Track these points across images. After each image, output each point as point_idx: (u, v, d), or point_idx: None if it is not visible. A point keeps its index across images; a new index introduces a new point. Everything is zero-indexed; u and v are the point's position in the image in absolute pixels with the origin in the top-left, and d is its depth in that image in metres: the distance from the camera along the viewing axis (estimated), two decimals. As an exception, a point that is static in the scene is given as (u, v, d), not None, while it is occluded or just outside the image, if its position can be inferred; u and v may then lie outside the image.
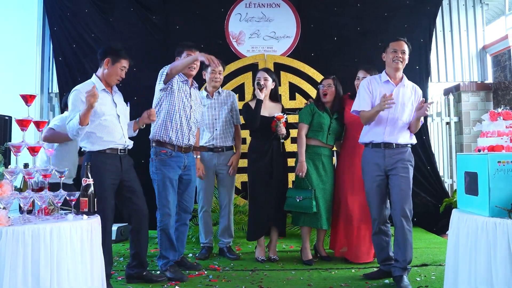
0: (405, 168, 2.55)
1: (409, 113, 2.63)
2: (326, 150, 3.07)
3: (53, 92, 4.72)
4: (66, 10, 4.48)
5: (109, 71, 2.45)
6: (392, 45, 2.65)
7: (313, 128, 3.03)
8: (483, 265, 1.78)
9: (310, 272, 2.83)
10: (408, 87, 2.68)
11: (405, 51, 2.64)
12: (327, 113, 3.06)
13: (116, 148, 2.45)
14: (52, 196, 1.98)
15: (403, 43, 2.65)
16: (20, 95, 2.03)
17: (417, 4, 4.58)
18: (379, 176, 2.58)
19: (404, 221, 2.51)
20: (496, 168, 1.87)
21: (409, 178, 2.57)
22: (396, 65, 2.61)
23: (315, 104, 3.09)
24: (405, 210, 2.51)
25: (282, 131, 2.99)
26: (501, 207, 1.83)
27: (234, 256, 3.22)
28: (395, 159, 2.56)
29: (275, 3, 4.61)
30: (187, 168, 2.81)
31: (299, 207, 2.94)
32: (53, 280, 1.72)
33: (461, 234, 1.95)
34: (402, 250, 2.50)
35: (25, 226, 1.72)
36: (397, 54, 2.61)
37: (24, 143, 1.96)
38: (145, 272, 2.59)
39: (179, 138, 2.73)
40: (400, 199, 2.51)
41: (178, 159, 2.74)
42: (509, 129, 1.97)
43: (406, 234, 2.51)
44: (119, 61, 2.45)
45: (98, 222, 2.03)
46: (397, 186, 2.53)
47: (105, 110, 2.43)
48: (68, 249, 1.79)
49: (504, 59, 4.65)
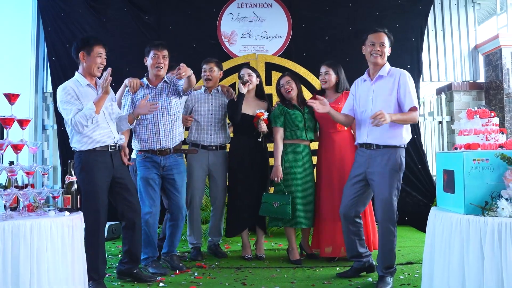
0: (385, 172, 2.37)
1: (391, 106, 2.39)
2: (306, 147, 3.06)
3: (48, 91, 4.77)
4: (60, 10, 4.52)
5: (88, 63, 2.44)
6: (370, 37, 2.44)
7: (289, 128, 3.01)
8: (456, 261, 1.80)
9: (295, 270, 2.86)
10: (390, 78, 2.42)
11: (384, 43, 2.41)
12: (297, 109, 3.05)
13: (106, 145, 2.46)
14: (35, 193, 2.01)
15: (382, 35, 2.43)
16: (4, 94, 2.06)
17: (408, 3, 4.58)
18: (357, 176, 2.50)
19: (382, 228, 2.43)
20: (471, 166, 1.89)
21: (390, 183, 2.38)
22: (375, 59, 2.42)
23: (283, 104, 3.07)
24: (384, 218, 2.41)
25: (262, 128, 2.99)
26: (475, 204, 1.85)
27: (221, 254, 3.24)
28: (377, 161, 2.40)
29: (267, 3, 4.63)
30: (166, 168, 2.84)
31: (275, 213, 2.93)
32: (33, 275, 1.76)
33: (437, 232, 1.97)
34: (380, 256, 2.47)
35: (5, 222, 1.76)
36: (375, 47, 2.41)
37: (7, 141, 2.00)
38: (136, 270, 2.60)
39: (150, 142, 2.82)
40: (382, 206, 2.40)
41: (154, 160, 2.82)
42: (485, 127, 1.99)
43: (384, 241, 2.44)
44: (92, 49, 2.42)
45: (80, 219, 2.07)
46: (378, 193, 2.40)
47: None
48: (48, 245, 1.82)
49: (495, 58, 4.66)
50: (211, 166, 3.19)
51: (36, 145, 2.12)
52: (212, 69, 3.24)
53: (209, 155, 3.18)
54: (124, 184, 2.53)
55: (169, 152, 2.84)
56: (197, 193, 3.18)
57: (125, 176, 2.57)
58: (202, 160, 3.16)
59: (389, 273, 2.46)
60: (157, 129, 2.82)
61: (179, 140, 2.96)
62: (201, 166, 3.16)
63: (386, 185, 2.38)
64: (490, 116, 2.01)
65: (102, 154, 2.43)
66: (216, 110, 3.20)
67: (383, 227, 2.43)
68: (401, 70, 2.46)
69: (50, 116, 4.81)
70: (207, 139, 3.17)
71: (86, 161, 2.38)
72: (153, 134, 2.82)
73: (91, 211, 2.33)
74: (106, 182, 2.44)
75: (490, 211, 1.79)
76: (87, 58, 2.43)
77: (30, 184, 2.05)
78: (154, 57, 2.85)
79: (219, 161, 3.20)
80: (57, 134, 4.53)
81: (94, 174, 2.38)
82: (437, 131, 4.95)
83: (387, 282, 2.42)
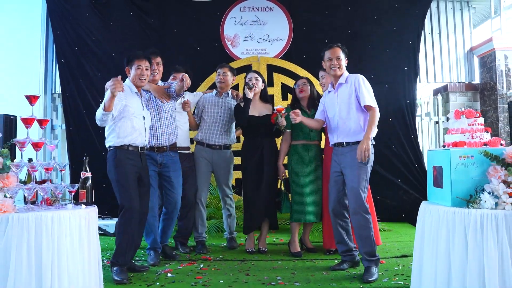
0: (354, 165, 2.59)
1: (352, 107, 2.65)
2: (313, 146, 3.22)
3: (56, 92, 4.94)
4: (68, 14, 4.69)
5: (132, 76, 2.72)
6: (327, 54, 2.75)
7: (295, 130, 3.20)
8: (443, 250, 1.95)
9: (295, 262, 3.01)
10: (347, 84, 2.70)
11: (340, 57, 2.71)
12: (304, 112, 3.21)
13: (137, 146, 2.67)
14: (53, 188, 2.17)
15: (337, 49, 2.72)
16: (25, 95, 2.23)
17: (406, 7, 4.74)
18: (336, 173, 2.73)
19: (355, 217, 2.59)
20: (458, 162, 2.03)
21: (358, 175, 2.57)
22: (334, 72, 2.72)
23: (291, 107, 3.22)
24: (355, 207, 2.59)
25: (283, 123, 3.12)
26: (461, 197, 2.00)
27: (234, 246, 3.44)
28: (347, 156, 2.64)
29: (268, 7, 4.79)
30: (163, 165, 3.01)
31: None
32: (54, 262, 1.91)
33: (426, 224, 2.12)
34: (359, 245, 2.63)
35: (29, 213, 1.91)
36: (333, 62, 2.71)
37: (28, 139, 2.16)
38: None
39: None
40: (352, 196, 2.59)
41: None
42: (471, 127, 2.14)
43: (359, 229, 2.59)
44: (133, 63, 2.69)
45: (95, 212, 2.23)
46: (348, 184, 2.63)
47: (134, 110, 2.67)
48: (67, 234, 1.98)
49: (489, 60, 4.80)
50: (214, 164, 3.38)
51: (53, 143, 2.28)
52: (225, 73, 3.42)
53: (213, 153, 3.36)
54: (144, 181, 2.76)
55: (166, 149, 3.02)
56: (203, 188, 3.36)
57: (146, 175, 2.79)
58: (206, 158, 3.36)
59: (373, 262, 2.60)
60: (154, 127, 2.96)
61: (175, 139, 3.12)
62: (205, 163, 3.36)
63: (355, 177, 2.59)
64: (475, 117, 2.16)
65: (133, 153, 2.67)
66: (224, 112, 3.39)
67: (356, 215, 2.60)
68: (356, 75, 2.72)
69: (58, 116, 4.98)
70: (212, 138, 3.36)
71: (119, 156, 2.62)
72: (150, 132, 2.96)
73: (127, 201, 2.59)
74: (135, 176, 2.66)
75: (474, 203, 1.93)
76: (131, 72, 2.73)
77: (48, 179, 2.21)
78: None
79: (222, 160, 3.38)
80: (65, 134, 4.70)
81: (125, 168, 2.62)
82: (433, 131, 5.10)
83: (372, 273, 2.55)
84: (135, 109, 2.69)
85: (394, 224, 4.37)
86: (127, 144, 2.63)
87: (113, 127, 2.64)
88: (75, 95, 4.62)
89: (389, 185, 4.57)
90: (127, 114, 2.64)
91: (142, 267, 2.81)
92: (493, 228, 1.83)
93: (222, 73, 3.42)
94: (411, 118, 4.65)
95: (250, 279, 2.59)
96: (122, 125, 2.63)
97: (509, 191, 1.87)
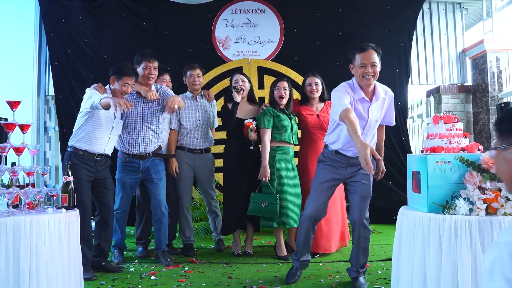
0: (365, 175, 2.47)
1: (378, 122, 2.49)
2: (291, 149, 3.24)
3: (50, 95, 4.97)
4: (61, 17, 4.71)
5: (115, 88, 2.78)
6: (358, 58, 2.27)
7: (277, 130, 3.16)
8: (419, 255, 1.96)
9: (280, 265, 3.02)
10: (381, 97, 2.40)
11: (375, 63, 2.26)
12: (285, 114, 3.22)
13: (93, 153, 2.76)
14: (35, 192, 2.20)
15: (372, 53, 2.26)
16: (6, 101, 2.25)
17: (397, 9, 4.72)
18: (335, 180, 2.53)
19: (363, 229, 2.53)
20: (435, 168, 2.04)
21: (369, 185, 2.51)
22: (367, 81, 2.29)
23: (272, 107, 3.22)
24: (364, 218, 2.53)
25: (252, 137, 3.17)
26: (437, 203, 2.01)
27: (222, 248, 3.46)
28: (358, 167, 2.42)
29: (260, 9, 4.80)
30: (145, 171, 3.04)
31: (263, 212, 3.07)
32: (32, 266, 1.93)
33: (403, 229, 2.13)
34: (359, 257, 2.56)
35: (7, 218, 1.93)
36: (367, 69, 2.25)
37: (9, 144, 2.18)
38: (104, 262, 2.85)
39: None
40: (362, 206, 2.50)
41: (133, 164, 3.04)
42: (449, 132, 2.14)
43: (364, 241, 2.54)
44: (122, 78, 2.74)
45: (77, 215, 2.25)
46: (360, 194, 2.49)
47: (104, 120, 2.76)
48: (46, 239, 2.00)
49: (481, 62, 4.80)
50: (196, 168, 3.39)
51: (36, 148, 2.30)
52: (199, 75, 3.43)
53: (195, 158, 3.37)
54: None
55: (148, 156, 3.04)
56: (185, 193, 3.38)
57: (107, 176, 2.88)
58: (188, 162, 3.36)
59: (362, 272, 2.58)
60: (137, 135, 3.00)
61: (158, 146, 3.12)
62: (187, 168, 3.36)
63: (369, 187, 2.54)
64: (453, 122, 2.16)
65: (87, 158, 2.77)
66: (203, 116, 3.40)
67: (364, 227, 2.53)
68: (389, 90, 2.47)
69: (52, 118, 5.01)
70: (193, 143, 3.36)
71: (73, 161, 2.68)
72: (133, 140, 3.00)
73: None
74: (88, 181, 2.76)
75: (449, 209, 1.94)
76: (115, 83, 2.80)
77: (30, 183, 2.23)
78: (146, 69, 3.02)
79: (204, 163, 3.40)
80: (58, 136, 4.73)
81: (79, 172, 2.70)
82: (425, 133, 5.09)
83: (362, 282, 2.54)
84: (107, 120, 2.78)
85: (384, 226, 4.37)
86: (83, 150, 2.73)
87: (81, 129, 2.74)
88: (69, 97, 4.65)
89: (380, 187, 4.55)
90: (97, 123, 2.74)
91: (118, 268, 2.88)
92: (467, 233, 1.83)
93: (196, 74, 3.40)
94: (402, 121, 4.64)
95: (232, 282, 2.61)
96: (90, 131, 2.73)
97: (484, 197, 1.87)
